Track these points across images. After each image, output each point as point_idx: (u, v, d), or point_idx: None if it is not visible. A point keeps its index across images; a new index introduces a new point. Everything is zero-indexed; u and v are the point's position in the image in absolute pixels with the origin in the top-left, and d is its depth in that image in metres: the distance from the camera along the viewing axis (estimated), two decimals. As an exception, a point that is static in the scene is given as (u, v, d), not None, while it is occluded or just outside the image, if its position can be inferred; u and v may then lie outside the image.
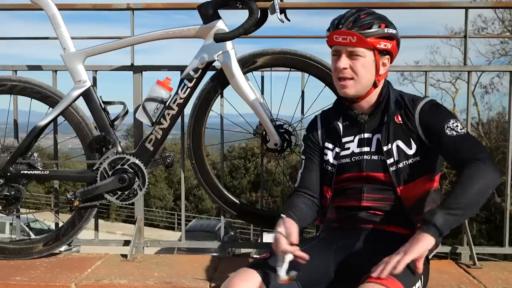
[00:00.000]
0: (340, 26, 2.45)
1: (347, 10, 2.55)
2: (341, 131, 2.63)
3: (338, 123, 2.64)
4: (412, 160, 2.48)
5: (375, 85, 2.53)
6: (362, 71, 2.47)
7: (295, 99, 3.63)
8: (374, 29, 2.43)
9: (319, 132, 2.74)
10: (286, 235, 2.32)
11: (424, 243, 2.12)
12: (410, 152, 2.49)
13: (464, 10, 3.66)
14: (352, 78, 2.48)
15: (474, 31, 23.38)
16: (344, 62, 2.46)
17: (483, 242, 23.93)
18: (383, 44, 2.46)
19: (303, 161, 2.77)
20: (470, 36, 3.75)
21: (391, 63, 2.59)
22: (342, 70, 2.47)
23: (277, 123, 3.42)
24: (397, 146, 2.49)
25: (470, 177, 2.22)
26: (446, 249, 3.67)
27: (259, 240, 4.09)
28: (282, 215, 2.47)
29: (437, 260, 3.58)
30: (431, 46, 31.33)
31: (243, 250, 20.38)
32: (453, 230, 2.23)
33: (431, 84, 3.63)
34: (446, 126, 2.39)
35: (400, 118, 2.52)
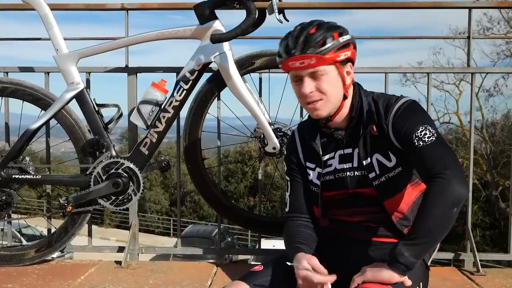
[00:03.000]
0: (293, 51, 2.31)
1: (294, 28, 2.40)
2: (320, 150, 2.52)
3: (316, 142, 2.54)
4: (394, 173, 2.39)
5: (344, 97, 2.41)
6: (330, 89, 2.33)
7: (294, 102, 3.63)
8: (329, 43, 2.29)
9: (299, 151, 2.64)
10: (313, 269, 2.21)
11: (387, 277, 2.10)
12: (390, 164, 2.39)
13: (467, 10, 3.67)
14: (321, 99, 2.35)
15: (479, 32, 23.41)
16: (309, 86, 2.33)
17: (487, 249, 23.99)
18: (342, 55, 2.33)
19: (288, 182, 2.68)
20: (473, 37, 3.76)
21: (353, 65, 2.44)
22: (309, 94, 2.33)
23: (276, 126, 3.42)
24: (377, 160, 2.40)
25: (429, 201, 2.12)
26: (449, 255, 3.67)
27: (257, 247, 4.09)
28: (298, 253, 2.31)
29: (440, 267, 3.59)
30: (434, 47, 31.30)
31: (241, 257, 20.37)
32: (456, 236, 2.22)
33: (434, 85, 3.64)
34: (414, 136, 2.24)
35: (376, 129, 2.39)
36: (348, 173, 2.47)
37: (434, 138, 2.23)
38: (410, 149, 2.27)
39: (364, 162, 2.41)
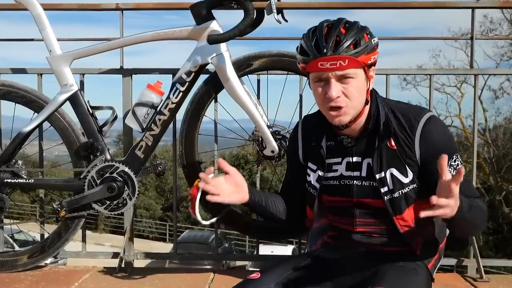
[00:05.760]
0: (325, 50, 2.20)
1: (319, 25, 2.31)
2: (325, 153, 2.48)
3: (322, 145, 2.48)
4: (408, 188, 2.36)
5: (366, 102, 2.35)
6: (356, 94, 2.27)
7: (293, 104, 3.63)
8: (362, 45, 2.23)
9: (299, 148, 2.61)
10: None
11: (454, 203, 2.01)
12: (406, 180, 2.35)
13: (470, 10, 3.67)
14: (346, 105, 2.27)
15: (482, 33, 23.41)
16: (336, 89, 2.24)
17: (491, 254, 23.94)
18: (373, 58, 2.29)
19: (286, 170, 2.73)
20: (476, 38, 3.76)
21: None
22: (336, 98, 2.25)
23: (274, 129, 3.42)
24: (391, 174, 2.35)
25: (482, 206, 2.26)
26: (452, 261, 3.66)
27: (255, 252, 4.08)
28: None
29: (443, 273, 3.57)
30: (433, 49, 31.17)
31: (238, 263, 20.37)
32: (458, 242, 2.25)
33: (435, 88, 3.62)
34: (449, 165, 2.21)
35: (393, 143, 2.35)
36: (355, 181, 2.43)
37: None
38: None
39: (377, 176, 2.36)
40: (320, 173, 2.49)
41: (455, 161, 2.29)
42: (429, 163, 2.29)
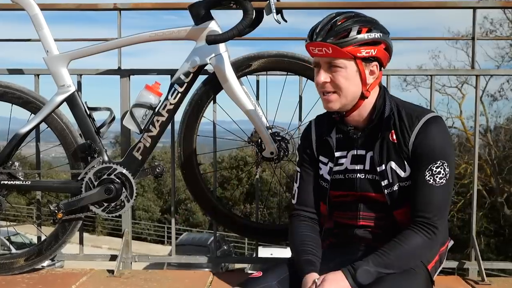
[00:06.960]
0: (315, 36, 2.36)
1: (327, 14, 2.44)
2: (334, 145, 2.53)
3: (331, 136, 2.55)
4: (406, 183, 2.40)
5: (363, 97, 2.42)
6: (345, 84, 2.36)
7: (293, 105, 3.63)
8: (352, 36, 2.30)
9: (314, 143, 2.65)
10: None
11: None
12: (404, 174, 2.40)
13: (471, 10, 3.67)
14: (334, 92, 2.40)
15: (482, 34, 23.41)
16: (323, 75, 2.38)
17: (492, 257, 23.92)
18: (364, 52, 2.33)
19: (298, 174, 2.69)
20: (478, 38, 3.75)
21: (384, 67, 2.46)
22: (323, 84, 2.40)
23: (273, 130, 3.41)
24: (391, 168, 2.41)
25: (414, 245, 2.28)
26: (453, 264, 3.67)
27: (254, 255, 4.08)
28: (305, 272, 2.33)
29: (444, 276, 3.56)
30: (433, 50, 31.09)
31: (237, 265, 20.36)
32: (459, 244, 2.25)
33: (436, 89, 3.61)
34: (429, 168, 2.32)
35: (394, 136, 2.41)
36: (358, 175, 2.49)
37: (444, 182, 2.32)
38: (417, 174, 2.36)
39: (378, 169, 2.42)
40: (331, 165, 2.55)
41: (437, 167, 2.32)
42: (414, 161, 2.37)
